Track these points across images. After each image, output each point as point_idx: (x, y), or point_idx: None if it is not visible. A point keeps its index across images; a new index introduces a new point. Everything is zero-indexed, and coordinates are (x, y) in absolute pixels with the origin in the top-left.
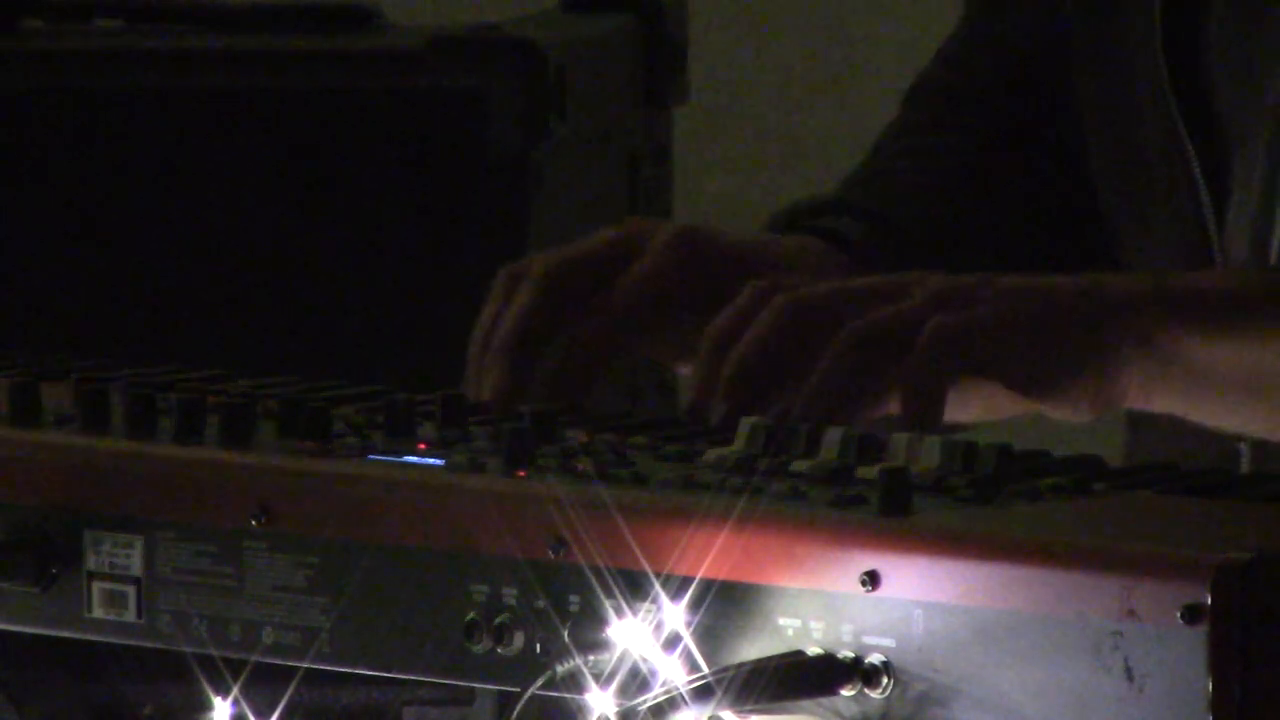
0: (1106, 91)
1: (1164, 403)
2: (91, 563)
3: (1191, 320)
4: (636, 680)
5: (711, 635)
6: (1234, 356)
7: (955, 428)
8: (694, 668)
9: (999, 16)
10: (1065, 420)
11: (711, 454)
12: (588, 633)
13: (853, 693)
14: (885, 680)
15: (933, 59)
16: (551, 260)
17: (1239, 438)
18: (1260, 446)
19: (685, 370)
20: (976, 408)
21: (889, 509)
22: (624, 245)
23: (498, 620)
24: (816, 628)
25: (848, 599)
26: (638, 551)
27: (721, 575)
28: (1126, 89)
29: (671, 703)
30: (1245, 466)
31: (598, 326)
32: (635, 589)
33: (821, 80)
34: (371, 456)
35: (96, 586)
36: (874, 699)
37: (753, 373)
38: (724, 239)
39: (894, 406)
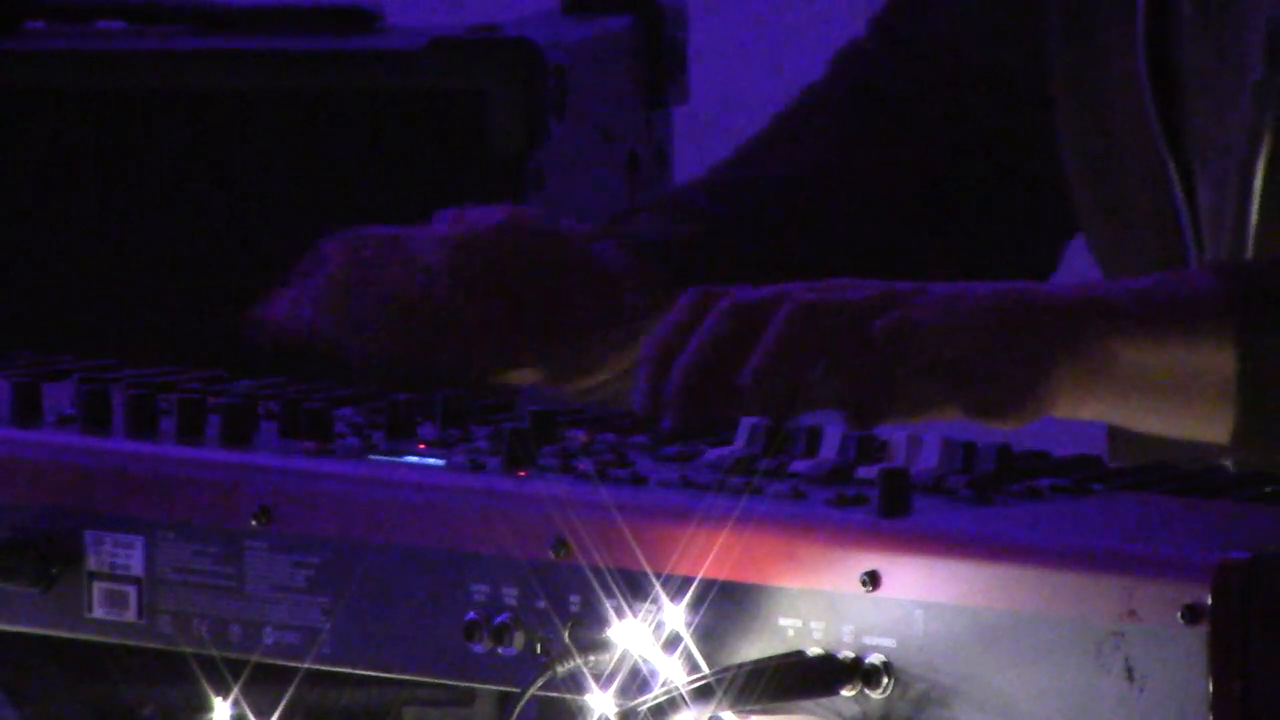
0: (1085, 111)
1: (1092, 409)
2: (92, 563)
3: (1120, 326)
4: (637, 681)
5: (712, 636)
6: (1162, 360)
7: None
8: (694, 668)
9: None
10: (993, 427)
11: (711, 454)
12: (588, 633)
13: (853, 693)
14: (886, 680)
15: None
16: (370, 230)
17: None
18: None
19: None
20: (913, 412)
21: (889, 509)
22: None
23: (498, 620)
24: (817, 628)
25: (848, 599)
26: (638, 552)
27: (722, 575)
28: (1106, 111)
29: (672, 703)
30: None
31: (403, 276)
32: (635, 589)
33: None
34: (373, 457)
35: (97, 587)
36: (874, 699)
37: (700, 377)
38: (550, 228)
39: (832, 397)
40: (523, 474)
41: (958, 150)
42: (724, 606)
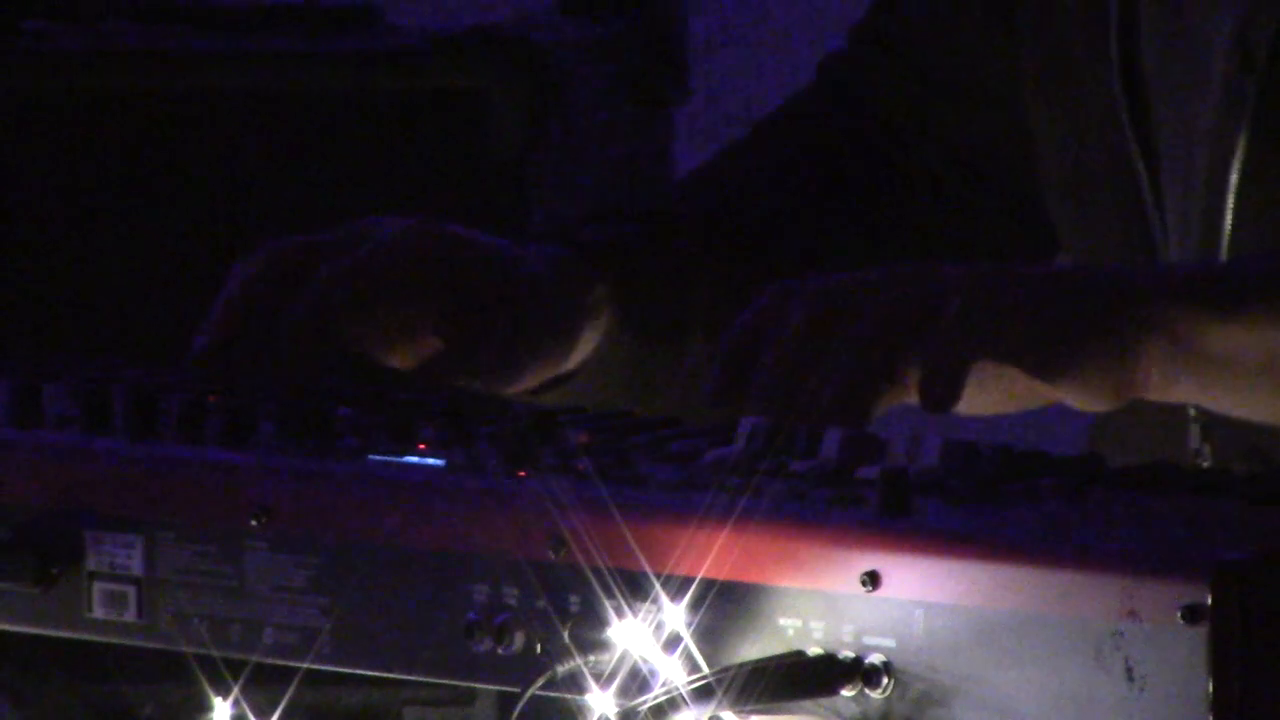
0: (1057, 115)
1: (1183, 391)
2: (92, 563)
3: (1210, 307)
4: (637, 680)
5: (712, 635)
6: (1253, 342)
7: (967, 419)
8: (694, 668)
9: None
10: (1084, 408)
11: (711, 454)
12: (588, 633)
13: (853, 693)
14: (886, 680)
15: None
16: (284, 241)
17: (1246, 424)
18: (1215, 434)
19: (394, 363)
20: (993, 397)
21: (889, 509)
22: (358, 233)
23: (498, 620)
24: (817, 628)
25: (848, 599)
26: (638, 551)
27: (722, 575)
28: (1078, 115)
29: (672, 703)
30: (1202, 455)
31: (301, 306)
32: (635, 589)
33: None
34: (371, 456)
35: (97, 587)
36: (875, 699)
37: (783, 380)
38: (464, 236)
39: (912, 393)
40: (523, 474)
41: (933, 156)
42: (724, 606)
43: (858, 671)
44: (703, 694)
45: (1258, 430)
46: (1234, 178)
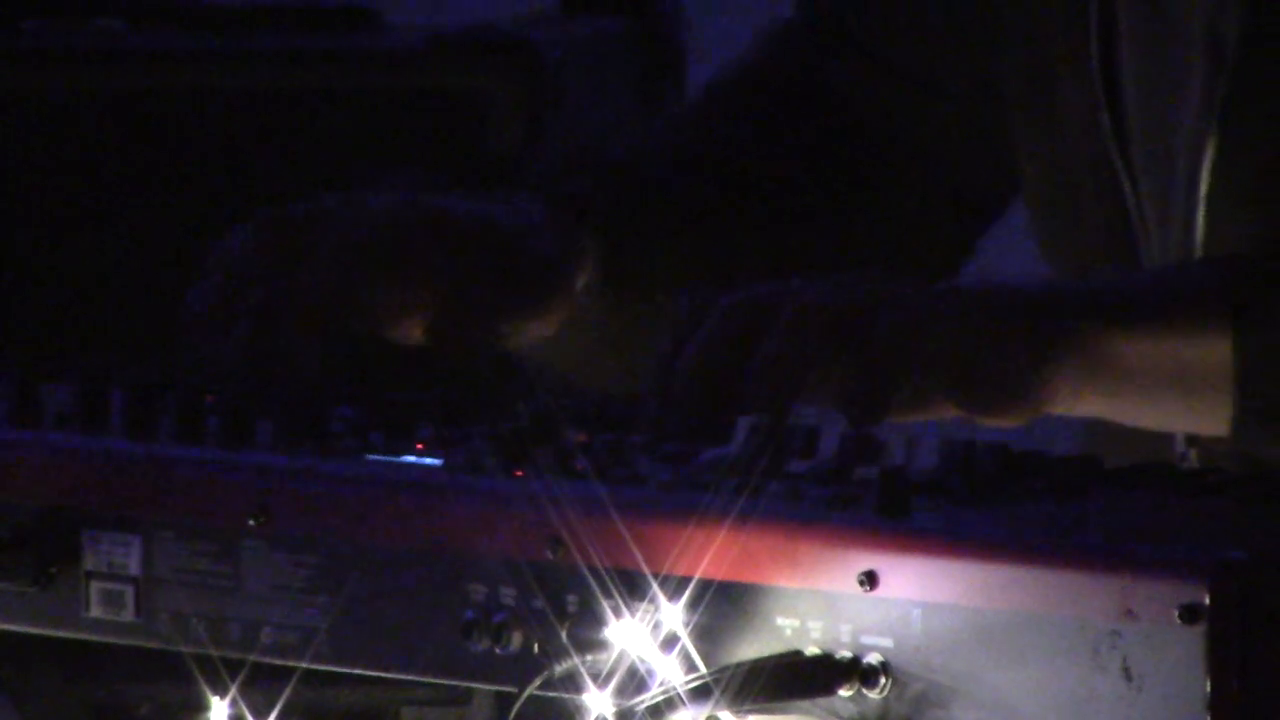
0: (1039, 122)
1: (1091, 405)
2: (90, 562)
3: (1120, 320)
4: (634, 680)
5: (709, 635)
6: (1161, 354)
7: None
8: (692, 668)
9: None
10: (993, 425)
11: (709, 454)
12: (586, 632)
13: (851, 692)
14: (883, 680)
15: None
16: (268, 222)
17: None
18: (1200, 437)
19: (388, 338)
20: (911, 409)
21: (887, 509)
22: (342, 210)
23: (496, 620)
24: (814, 627)
25: (846, 599)
26: (636, 551)
27: (719, 575)
28: (1059, 121)
29: (669, 703)
30: (1187, 459)
31: (294, 297)
32: (633, 589)
33: None
34: (369, 456)
35: (94, 586)
36: (872, 699)
37: (703, 375)
38: (450, 207)
39: (833, 395)
40: (520, 473)
41: (893, 147)
42: (721, 606)
43: (855, 671)
44: (700, 694)
45: None
46: (1204, 181)
